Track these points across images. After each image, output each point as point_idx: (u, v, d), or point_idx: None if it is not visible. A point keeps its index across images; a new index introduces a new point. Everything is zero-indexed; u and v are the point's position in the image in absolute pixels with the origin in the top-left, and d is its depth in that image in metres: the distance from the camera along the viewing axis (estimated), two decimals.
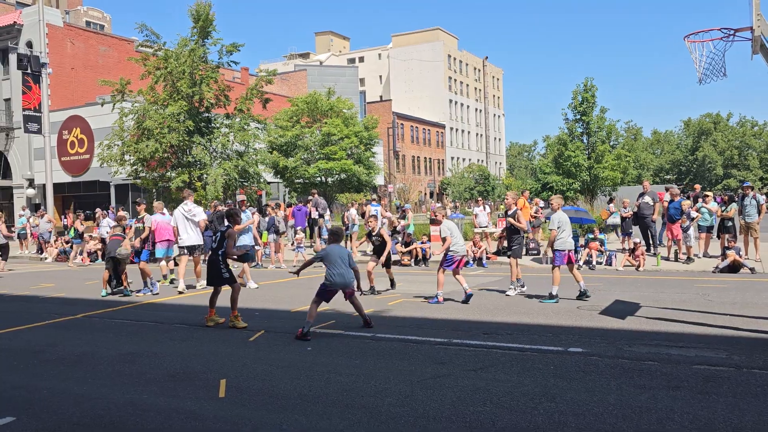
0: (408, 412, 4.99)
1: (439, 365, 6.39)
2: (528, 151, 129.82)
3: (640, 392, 5.33)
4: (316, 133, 37.39)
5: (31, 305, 11.68)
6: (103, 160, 22.60)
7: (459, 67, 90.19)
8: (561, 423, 4.64)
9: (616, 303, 9.74)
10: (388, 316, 9.34)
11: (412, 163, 76.19)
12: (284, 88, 58.89)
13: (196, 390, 5.79)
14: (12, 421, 5.08)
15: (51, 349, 7.71)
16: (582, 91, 36.12)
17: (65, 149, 36.18)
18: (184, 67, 21.68)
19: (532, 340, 7.39)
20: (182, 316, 9.90)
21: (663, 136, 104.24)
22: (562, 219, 10.44)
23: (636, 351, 6.73)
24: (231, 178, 22.46)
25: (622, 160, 37.31)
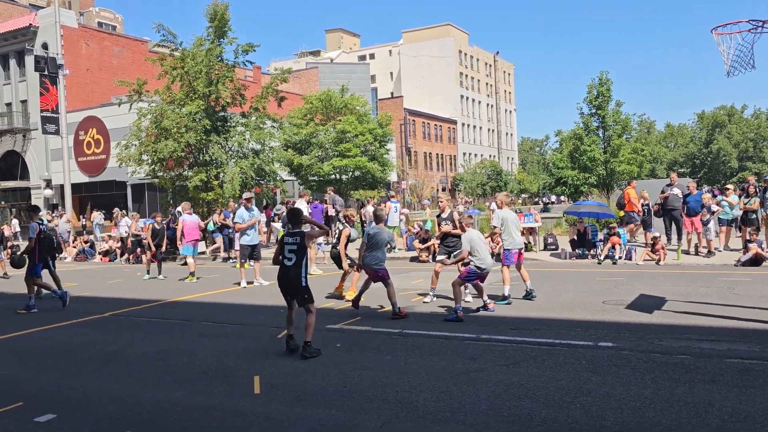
0: (444, 407, 5.01)
1: (470, 361, 6.40)
2: (540, 146, 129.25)
3: (676, 386, 5.32)
4: (330, 130, 37.47)
5: (57, 304, 11.79)
6: (121, 161, 22.75)
7: (470, 62, 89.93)
8: (599, 417, 4.64)
9: (642, 297, 9.70)
10: (414, 312, 9.36)
11: (425, 160, 76.11)
12: (296, 86, 58.99)
13: (230, 387, 5.84)
14: (53, 418, 5.15)
15: (82, 348, 7.81)
16: (597, 85, 35.90)
17: (82, 150, 36.48)
18: (201, 67, 21.75)
19: (561, 335, 7.38)
20: (208, 314, 9.98)
21: (677, 129, 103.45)
22: (507, 217, 9.99)
23: (667, 345, 6.71)
24: (248, 177, 22.53)
25: (639, 154, 37.07)
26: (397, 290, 11.47)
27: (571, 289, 11.02)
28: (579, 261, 15.83)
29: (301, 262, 6.90)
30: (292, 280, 6.90)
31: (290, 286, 6.94)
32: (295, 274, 6.89)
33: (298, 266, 6.89)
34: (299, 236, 6.94)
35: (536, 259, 16.27)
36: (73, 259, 23.51)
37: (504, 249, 10.03)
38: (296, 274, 6.89)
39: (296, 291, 6.94)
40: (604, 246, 15.63)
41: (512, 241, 9.95)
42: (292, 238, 6.97)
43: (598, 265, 14.90)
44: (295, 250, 6.89)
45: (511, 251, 9.95)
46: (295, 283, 6.90)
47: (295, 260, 6.88)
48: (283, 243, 7.03)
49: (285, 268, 6.95)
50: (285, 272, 6.96)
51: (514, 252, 9.96)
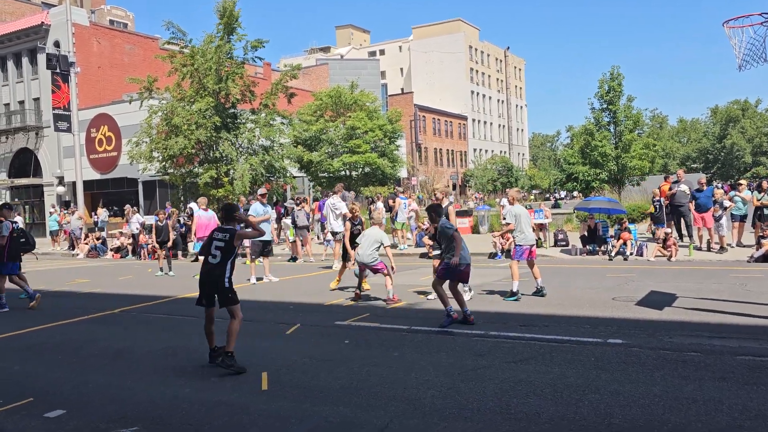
0: (452, 404, 4.99)
1: (478, 357, 6.38)
2: (551, 142, 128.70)
3: (686, 383, 5.27)
4: (340, 127, 37.49)
5: (68, 300, 11.90)
6: (132, 158, 22.89)
7: (480, 58, 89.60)
8: (607, 414, 4.61)
9: (652, 294, 9.62)
10: (422, 308, 9.35)
11: (435, 156, 75.96)
12: (306, 82, 59.02)
13: (238, 383, 5.85)
14: (62, 413, 5.19)
15: (92, 344, 7.86)
16: (608, 80, 35.63)
17: (93, 147, 36.70)
18: (211, 64, 21.83)
19: (570, 332, 7.34)
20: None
21: (689, 124, 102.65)
22: (519, 213, 9.88)
23: (677, 342, 6.65)
24: (258, 173, 22.61)
25: (650, 149, 36.77)
26: (406, 286, 11.48)
27: (581, 286, 10.97)
28: (589, 257, 15.74)
29: (226, 262, 6.29)
30: (215, 279, 6.28)
31: (212, 285, 6.33)
32: (218, 273, 6.26)
33: (222, 266, 6.27)
34: (229, 233, 6.34)
35: (546, 255, 16.20)
36: (85, 255, 23.69)
37: (515, 245, 9.93)
38: (220, 273, 6.26)
39: (218, 291, 6.32)
40: (615, 242, 15.53)
41: (524, 237, 9.82)
42: (222, 234, 6.39)
43: (608, 261, 14.82)
44: (222, 248, 6.29)
45: (522, 247, 9.83)
46: (218, 282, 6.28)
47: (220, 258, 6.27)
48: (212, 238, 6.45)
49: (208, 265, 6.33)
50: (208, 270, 6.33)
51: (525, 248, 9.82)
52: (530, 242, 9.90)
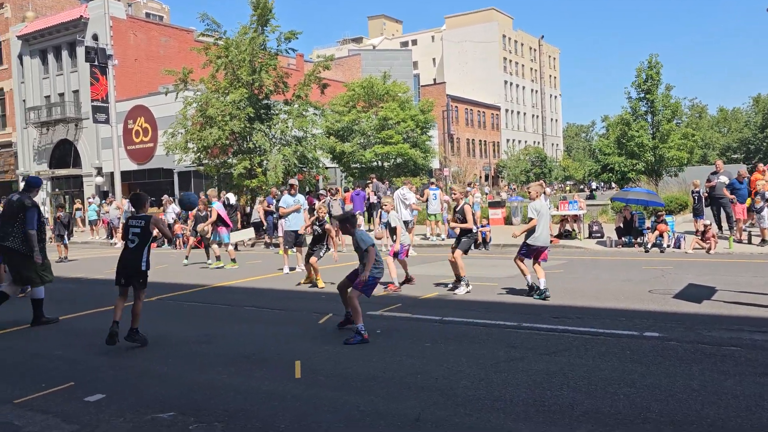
0: (484, 395, 4.98)
1: (511, 349, 6.34)
2: (586, 132, 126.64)
3: (725, 378, 5.16)
4: (372, 117, 37.47)
5: (107, 288, 12.13)
6: (168, 149, 23.25)
7: (514, 47, 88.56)
8: (644, 408, 4.54)
9: (690, 287, 9.43)
10: (454, 300, 9.32)
11: (467, 146, 75.49)
12: (338, 73, 59.09)
13: (272, 371, 5.92)
14: (102, 398, 5.32)
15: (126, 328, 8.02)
16: (646, 69, 34.82)
17: (130, 138, 37.38)
18: (245, 55, 22.00)
19: (605, 324, 7.24)
20: (250, 299, 10.15)
21: (730, 113, 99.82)
22: (540, 209, 9.17)
23: (716, 336, 6.51)
24: (290, 164, 22.75)
25: (689, 140, 35.88)
26: (436, 278, 11.46)
27: (617, 278, 10.80)
28: (625, 249, 15.48)
29: (143, 247, 7.00)
30: (131, 262, 6.99)
31: (129, 268, 7.01)
32: (135, 257, 6.98)
33: (139, 250, 6.99)
34: (144, 220, 7.01)
35: (581, 247, 16.00)
36: (123, 244, 24.15)
37: (524, 242, 9.20)
38: (136, 257, 6.98)
39: (134, 274, 7.01)
40: (651, 234, 15.25)
41: (535, 238, 9.08)
42: (137, 221, 7.06)
43: (644, 253, 14.56)
44: (138, 233, 6.99)
45: (531, 247, 9.13)
46: (134, 265, 6.99)
47: (137, 243, 7.00)
48: (128, 225, 7.12)
49: (127, 250, 7.05)
50: (126, 254, 7.04)
51: (534, 248, 9.13)
52: (542, 243, 9.16)
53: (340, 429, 4.39)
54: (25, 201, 8.58)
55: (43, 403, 5.24)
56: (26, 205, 8.53)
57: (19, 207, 8.55)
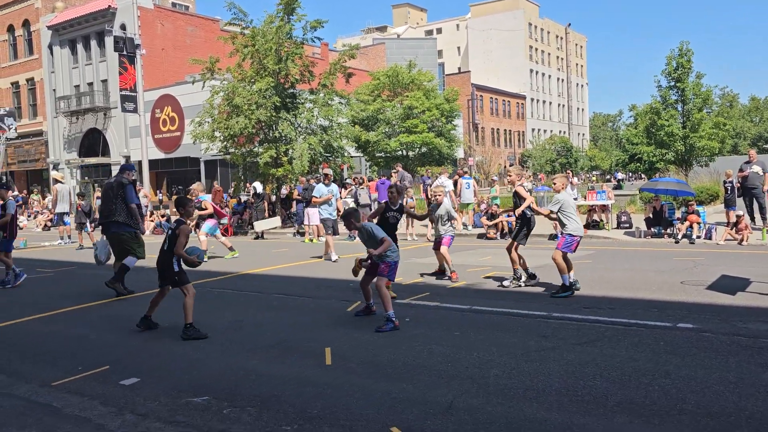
0: (516, 384, 4.95)
1: (541, 338, 6.30)
2: (613, 122, 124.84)
3: (763, 371, 5.06)
4: (397, 106, 37.37)
5: (139, 275, 12.31)
6: (195, 137, 23.44)
7: (540, 35, 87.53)
8: (679, 400, 4.48)
9: (723, 278, 9.27)
10: (483, 289, 9.28)
11: (492, 136, 74.98)
12: (363, 62, 58.98)
13: (302, 357, 5.96)
14: (137, 381, 5.41)
15: (163, 316, 8.10)
16: (677, 57, 34.12)
17: (158, 127, 37.80)
18: (271, 44, 22.04)
19: (637, 315, 7.15)
20: (279, 287, 10.22)
21: (762, 102, 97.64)
22: (565, 200, 8.65)
23: (753, 328, 6.39)
24: (316, 153, 22.80)
25: (721, 129, 35.13)
26: (465, 266, 11.42)
27: (647, 268, 10.65)
28: (654, 240, 15.27)
29: (173, 250, 7.00)
30: (163, 263, 7.09)
31: (162, 269, 7.13)
32: (166, 258, 7.05)
33: (171, 252, 7.01)
34: (177, 224, 7.10)
35: (609, 237, 15.82)
36: (150, 232, 24.50)
37: (566, 234, 8.53)
38: (168, 259, 7.04)
39: (167, 275, 7.10)
40: (681, 225, 15.01)
41: (577, 227, 8.59)
42: (172, 225, 7.21)
43: (674, 244, 14.35)
44: (170, 237, 7.06)
45: (573, 237, 8.50)
46: (166, 266, 7.07)
47: (167, 246, 7.05)
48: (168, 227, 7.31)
49: (161, 251, 7.13)
50: (160, 256, 7.15)
51: (576, 239, 8.55)
52: (582, 233, 8.75)
53: (373, 415, 4.41)
54: (123, 180, 9.64)
55: (80, 386, 5.35)
56: (124, 183, 9.62)
57: (119, 186, 9.62)
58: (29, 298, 9.92)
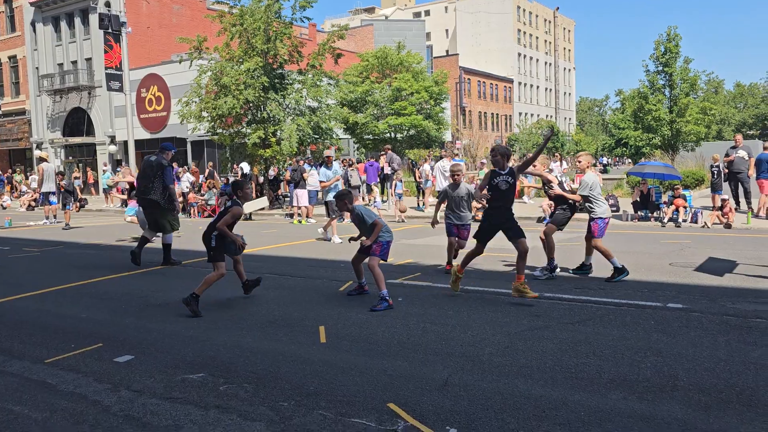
0: (510, 362, 5.01)
1: (534, 318, 6.36)
2: (599, 106, 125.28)
3: (752, 349, 5.16)
4: (385, 88, 37.20)
5: (127, 254, 12.25)
6: (183, 117, 23.20)
7: (528, 19, 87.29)
8: (671, 376, 4.55)
9: (711, 260, 9.39)
10: (474, 270, 9.32)
11: (479, 119, 74.93)
12: (351, 43, 58.51)
13: (296, 335, 5.98)
14: (131, 359, 5.39)
15: (155, 294, 8.12)
16: (665, 41, 34.23)
17: (143, 107, 37.35)
18: (259, 23, 21.79)
19: (627, 295, 7.24)
20: (271, 267, 10.20)
21: (747, 89, 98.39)
22: (594, 181, 8.30)
23: (740, 308, 6.50)
24: (305, 134, 22.68)
25: (707, 114, 35.41)
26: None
27: (635, 251, 10.76)
28: (641, 223, 15.43)
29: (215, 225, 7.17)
30: (204, 238, 7.25)
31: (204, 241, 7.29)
32: (208, 232, 7.21)
33: (212, 227, 7.17)
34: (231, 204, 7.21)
35: None
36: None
37: (597, 218, 8.17)
38: (208, 233, 7.19)
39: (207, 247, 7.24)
40: (668, 208, 15.16)
41: (605, 208, 8.24)
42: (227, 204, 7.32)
43: (661, 227, 14.51)
44: (220, 213, 7.23)
45: (604, 220, 8.16)
46: (206, 242, 7.23)
47: (214, 220, 7.25)
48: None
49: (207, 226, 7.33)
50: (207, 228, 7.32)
51: (607, 220, 8.22)
52: (610, 214, 8.38)
53: (369, 392, 4.44)
54: (162, 161, 10.11)
55: (73, 363, 5.32)
56: (164, 165, 10.11)
57: (158, 166, 10.09)
58: (16, 278, 9.84)
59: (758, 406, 3.99)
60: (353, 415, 4.04)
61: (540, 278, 8.40)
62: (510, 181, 7.16)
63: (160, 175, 10.08)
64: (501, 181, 7.16)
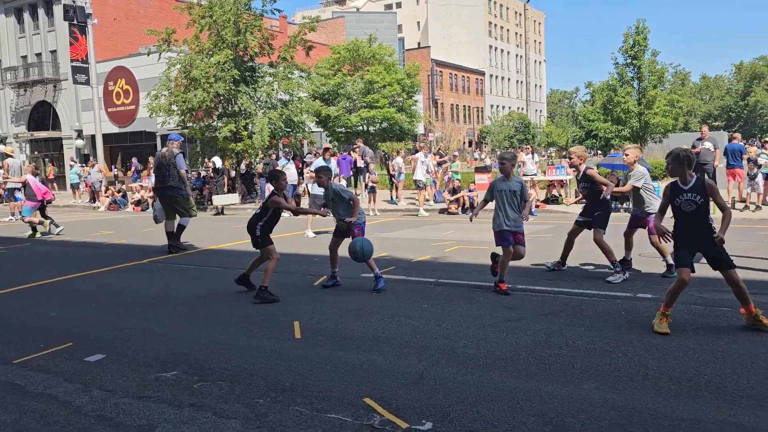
0: (485, 354, 5.05)
1: (508, 310, 6.42)
2: (569, 98, 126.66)
3: (719, 337, 5.28)
4: (358, 81, 37.07)
5: (97, 251, 12.07)
6: (152, 110, 22.84)
7: (499, 11, 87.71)
8: (642, 366, 4.64)
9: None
10: (447, 262, 9.38)
11: (451, 112, 75.20)
12: (322, 36, 58.16)
13: (271, 331, 5.95)
14: (103, 358, 5.31)
15: (126, 291, 8.00)
16: (633, 34, 34.70)
17: (111, 100, 36.69)
18: (229, 15, 21.53)
19: (598, 286, 7.35)
20: (243, 262, 10.07)
21: (713, 81, 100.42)
22: (648, 175, 7.98)
23: (708, 297, 6.65)
24: (276, 127, 22.50)
25: (674, 107, 36.03)
26: (429, 241, 11.52)
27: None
28: (612, 214, 15.62)
29: (260, 217, 7.39)
30: (249, 228, 7.49)
31: (249, 232, 7.53)
32: (252, 222, 7.46)
33: (256, 218, 7.44)
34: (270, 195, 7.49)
35: (567, 212, 16.13)
36: (106, 208, 23.94)
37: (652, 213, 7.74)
38: (253, 223, 7.44)
39: (252, 238, 7.50)
40: None
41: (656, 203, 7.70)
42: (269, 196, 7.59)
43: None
44: (261, 206, 7.57)
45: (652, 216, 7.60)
46: (250, 230, 7.47)
47: (257, 213, 7.55)
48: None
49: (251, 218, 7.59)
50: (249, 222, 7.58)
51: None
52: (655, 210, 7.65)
53: (345, 387, 4.44)
54: (173, 150, 11.04)
55: (43, 364, 5.22)
56: (175, 153, 11.02)
57: (171, 155, 10.99)
58: None
59: (726, 393, 4.09)
60: (329, 411, 4.03)
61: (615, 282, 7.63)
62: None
63: (174, 163, 10.97)
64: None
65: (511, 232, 7.28)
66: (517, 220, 7.32)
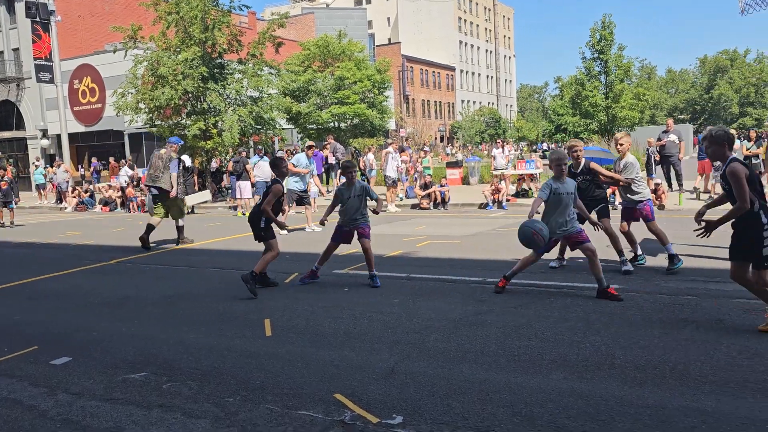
0: (455, 347, 5.08)
1: (478, 303, 6.47)
2: (539, 93, 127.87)
3: (684, 325, 5.39)
4: (328, 77, 36.94)
5: (63, 252, 11.85)
6: (119, 109, 22.45)
7: (469, 6, 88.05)
8: (609, 355, 4.71)
9: (645, 241, 9.72)
10: (419, 257, 9.42)
11: (422, 107, 75.34)
12: (292, 32, 57.73)
13: (242, 329, 5.91)
14: (69, 360, 5.22)
15: (93, 293, 7.86)
16: (600, 29, 35.17)
17: (77, 99, 35.98)
18: (196, 12, 21.24)
19: (566, 278, 7.45)
20: (213, 260, 10.04)
21: (678, 74, 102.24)
22: (637, 164, 8.01)
23: (673, 286, 6.78)
24: (246, 125, 22.30)
25: (640, 100, 36.64)
26: (401, 236, 11.55)
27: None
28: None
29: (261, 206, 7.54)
30: (252, 218, 7.64)
31: (251, 223, 7.67)
32: (255, 214, 7.61)
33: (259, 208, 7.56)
34: (272, 183, 7.62)
35: None
36: (73, 209, 23.50)
37: (647, 200, 7.98)
38: (255, 212, 7.62)
39: (254, 229, 7.63)
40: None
41: (648, 190, 7.97)
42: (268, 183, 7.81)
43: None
44: (263, 194, 7.68)
45: (650, 200, 7.99)
46: (254, 221, 7.60)
47: (259, 202, 7.73)
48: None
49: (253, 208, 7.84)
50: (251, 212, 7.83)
51: (650, 201, 8.03)
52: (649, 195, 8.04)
53: (316, 383, 4.43)
54: (171, 154, 11.35)
55: (6, 368, 5.12)
56: (172, 157, 11.34)
57: (168, 158, 11.29)
58: None
59: (689, 380, 4.18)
60: (300, 408, 4.02)
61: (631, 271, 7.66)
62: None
63: (168, 166, 11.22)
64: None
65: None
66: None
